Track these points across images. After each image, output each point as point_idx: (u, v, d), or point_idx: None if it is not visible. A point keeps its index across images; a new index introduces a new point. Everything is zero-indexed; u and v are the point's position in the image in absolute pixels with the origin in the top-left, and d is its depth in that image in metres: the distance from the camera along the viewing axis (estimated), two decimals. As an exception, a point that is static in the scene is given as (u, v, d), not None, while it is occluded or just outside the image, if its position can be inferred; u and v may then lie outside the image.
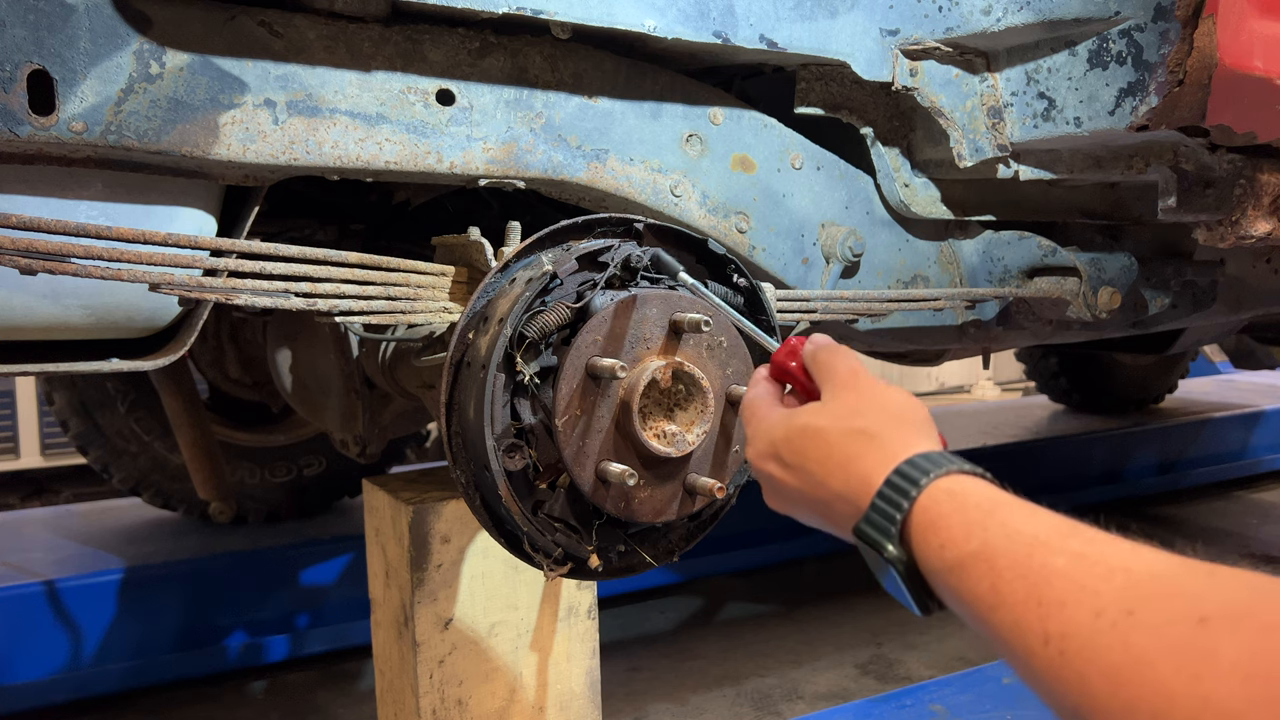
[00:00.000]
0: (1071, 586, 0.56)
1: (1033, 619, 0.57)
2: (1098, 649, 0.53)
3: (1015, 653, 0.58)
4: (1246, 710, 0.46)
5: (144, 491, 2.78)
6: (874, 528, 0.69)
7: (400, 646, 1.52)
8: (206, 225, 1.25)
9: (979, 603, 0.61)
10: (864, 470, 0.72)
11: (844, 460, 0.75)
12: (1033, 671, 0.57)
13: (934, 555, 0.65)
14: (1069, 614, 0.55)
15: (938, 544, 0.65)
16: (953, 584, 0.64)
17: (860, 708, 1.69)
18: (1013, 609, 0.58)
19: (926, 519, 0.66)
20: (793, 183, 1.53)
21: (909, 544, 0.67)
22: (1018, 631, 0.58)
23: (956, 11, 1.47)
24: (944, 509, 0.66)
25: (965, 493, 0.67)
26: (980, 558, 0.62)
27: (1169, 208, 1.58)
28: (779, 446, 0.82)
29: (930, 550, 0.66)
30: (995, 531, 0.62)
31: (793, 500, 0.82)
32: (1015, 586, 0.59)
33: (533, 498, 1.14)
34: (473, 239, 1.34)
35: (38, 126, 1.02)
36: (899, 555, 0.67)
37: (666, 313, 1.14)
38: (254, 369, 2.79)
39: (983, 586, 0.61)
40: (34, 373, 1.22)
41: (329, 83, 1.18)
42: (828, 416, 0.79)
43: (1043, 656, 0.56)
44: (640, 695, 2.48)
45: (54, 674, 2.29)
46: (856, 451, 0.74)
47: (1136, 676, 0.50)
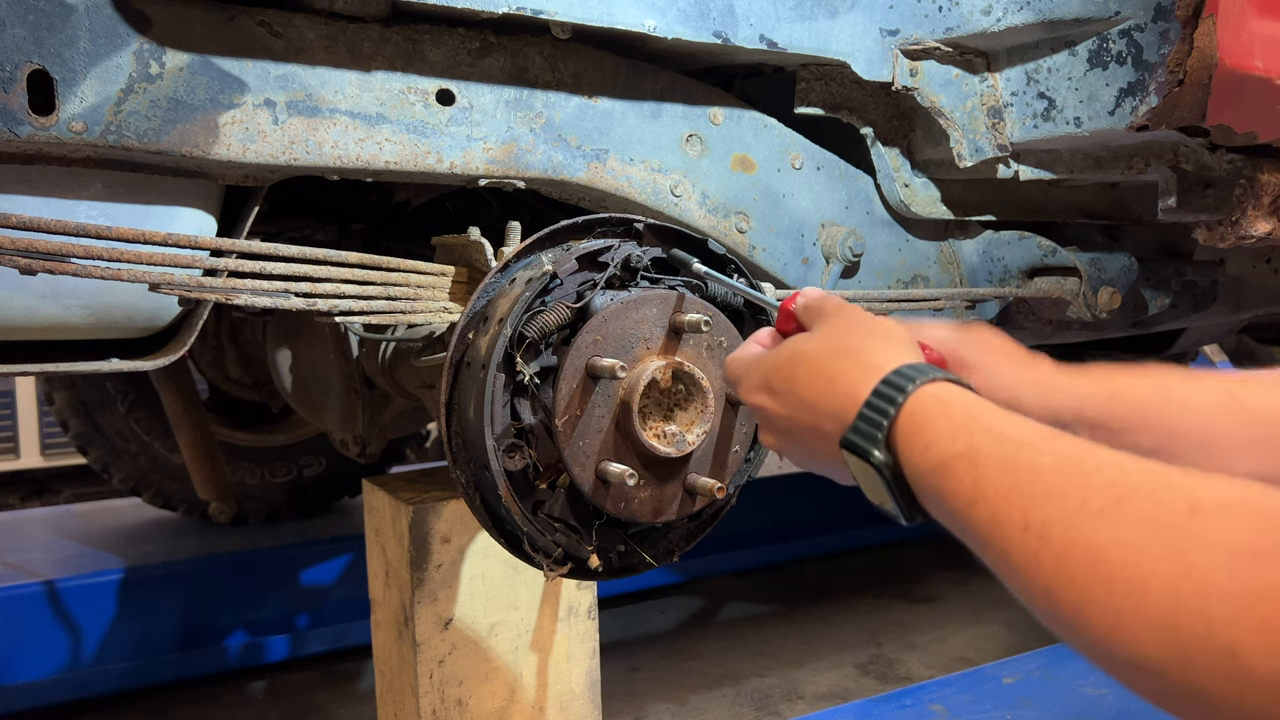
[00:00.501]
0: (1057, 479, 0.56)
1: (1014, 510, 0.57)
2: (1080, 532, 0.52)
3: (991, 544, 0.58)
4: (1226, 582, 0.45)
5: (144, 491, 2.78)
6: (861, 436, 0.70)
7: (400, 646, 1.52)
8: (206, 225, 1.25)
9: (959, 499, 0.61)
10: (850, 385, 0.73)
11: (831, 378, 0.76)
12: (1008, 561, 0.57)
13: (919, 457, 0.66)
14: (1053, 504, 0.55)
15: (922, 445, 0.65)
16: (935, 484, 0.64)
17: (860, 708, 1.69)
18: (993, 503, 0.58)
19: (913, 422, 0.67)
20: (793, 183, 1.53)
21: (895, 449, 0.68)
22: (995, 524, 0.58)
23: (956, 11, 1.47)
24: (930, 413, 0.67)
25: (951, 398, 0.67)
26: (964, 457, 0.62)
27: (1169, 208, 1.58)
28: (769, 375, 0.83)
29: (915, 452, 0.66)
30: (981, 434, 0.63)
31: (784, 430, 0.82)
32: (998, 482, 0.59)
33: (533, 498, 1.14)
34: (473, 239, 1.34)
35: (38, 126, 1.02)
36: (885, 460, 0.68)
37: (666, 313, 1.14)
38: (254, 369, 2.79)
39: (965, 484, 0.61)
40: (34, 373, 1.22)
41: (329, 83, 1.18)
42: (815, 342, 0.80)
43: (1021, 544, 0.55)
44: (640, 695, 2.48)
45: (54, 674, 2.29)
46: (843, 368, 0.75)
47: (1118, 555, 0.50)
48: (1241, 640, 0.44)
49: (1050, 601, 0.53)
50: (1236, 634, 0.44)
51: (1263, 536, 0.46)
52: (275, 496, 2.85)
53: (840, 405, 0.73)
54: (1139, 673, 0.49)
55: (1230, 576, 0.45)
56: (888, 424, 0.68)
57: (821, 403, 0.76)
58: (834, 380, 0.75)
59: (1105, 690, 1.75)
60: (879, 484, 0.69)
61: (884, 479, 0.68)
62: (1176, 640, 0.46)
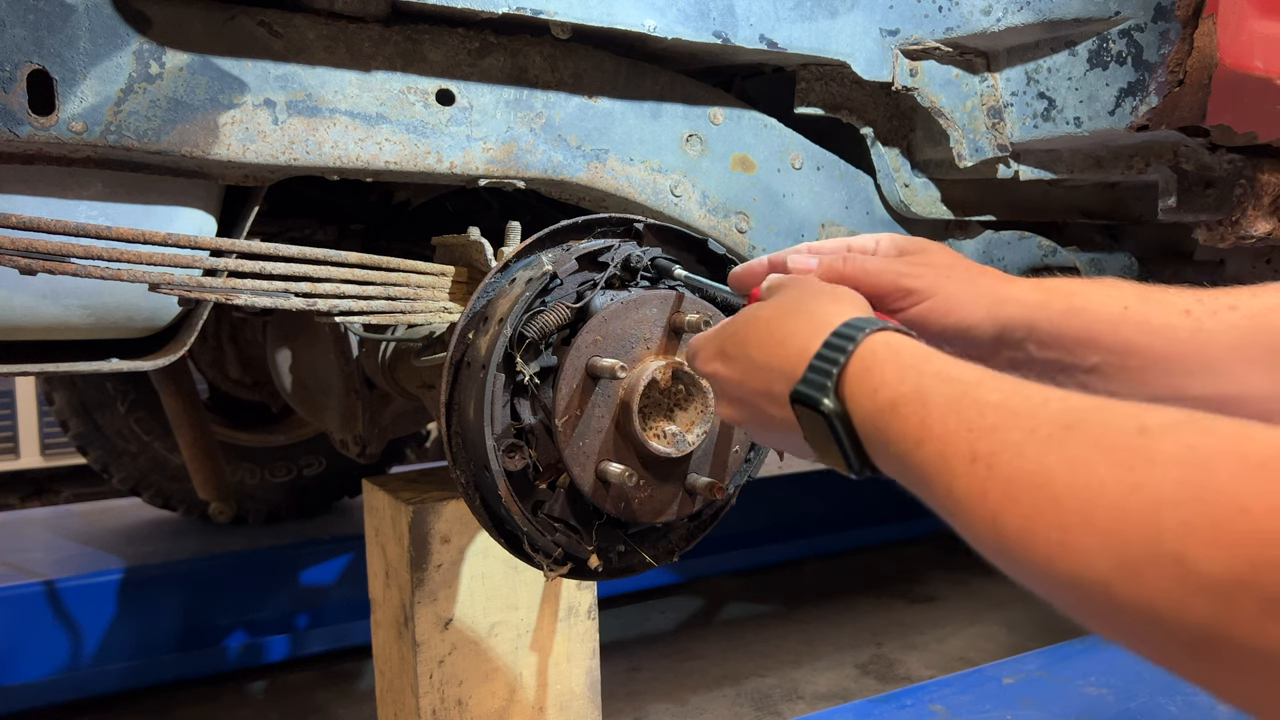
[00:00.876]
0: (1005, 413, 0.56)
1: (960, 445, 0.56)
2: (1028, 457, 0.52)
3: (937, 481, 0.58)
4: (1175, 491, 0.45)
5: (144, 491, 2.78)
6: (810, 386, 0.69)
7: (400, 646, 1.52)
8: (206, 225, 1.25)
9: (906, 439, 0.61)
10: (801, 341, 0.73)
11: (782, 338, 0.75)
12: (953, 495, 0.56)
13: (867, 400, 0.65)
14: (1000, 435, 0.55)
15: (871, 389, 0.65)
16: (883, 426, 0.64)
17: (860, 708, 1.69)
18: (940, 439, 0.58)
19: (861, 367, 0.67)
20: (793, 183, 1.53)
21: (844, 398, 0.68)
22: (942, 460, 0.57)
23: (956, 11, 1.47)
24: (879, 357, 0.67)
25: (900, 345, 0.68)
26: (912, 398, 0.62)
27: (1169, 208, 1.58)
28: (724, 342, 0.83)
29: (864, 396, 0.66)
30: (929, 376, 0.63)
31: (738, 398, 0.81)
32: (946, 419, 0.59)
33: (533, 498, 1.14)
34: (473, 239, 1.34)
35: (38, 126, 1.02)
36: (835, 408, 0.67)
37: (666, 313, 1.14)
38: (254, 369, 2.79)
39: (912, 424, 0.61)
40: (34, 373, 1.22)
41: (329, 83, 1.18)
42: (768, 308, 0.81)
43: (967, 475, 0.55)
44: (640, 695, 2.48)
45: (54, 674, 2.29)
46: (794, 328, 0.75)
47: (1067, 474, 0.50)
48: (1190, 546, 0.43)
49: (996, 529, 0.53)
50: (1185, 540, 0.44)
51: (1212, 447, 0.46)
52: (275, 496, 2.85)
53: (791, 363, 0.73)
54: (1084, 591, 0.48)
55: (1179, 485, 0.45)
56: (837, 372, 0.68)
57: (773, 362, 0.75)
58: (785, 340, 0.75)
59: (1105, 690, 1.75)
60: (828, 435, 0.69)
61: (833, 428, 0.68)
62: (1124, 550, 0.46)
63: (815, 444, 0.72)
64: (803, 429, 0.72)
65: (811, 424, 0.70)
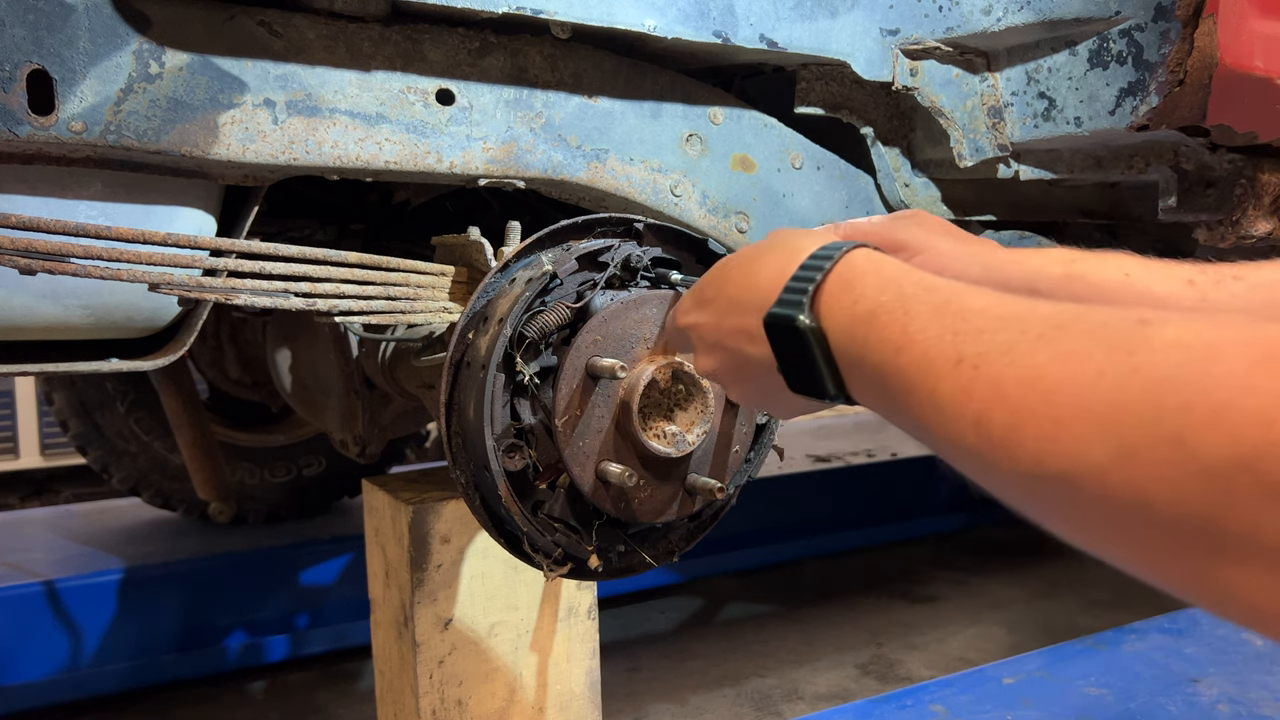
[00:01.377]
0: (991, 317, 0.53)
1: (945, 348, 0.54)
2: (1018, 355, 0.50)
3: (917, 387, 0.55)
4: (1178, 371, 0.43)
5: (144, 491, 2.78)
6: (784, 306, 0.66)
7: (400, 646, 1.51)
8: (206, 225, 1.25)
9: (886, 347, 0.58)
10: (775, 269, 0.70)
11: (757, 269, 0.73)
12: (934, 400, 0.54)
13: (845, 312, 0.63)
14: (988, 337, 0.52)
15: (850, 300, 0.63)
16: (860, 335, 0.61)
17: (860, 708, 1.69)
18: (922, 345, 0.55)
19: (840, 281, 0.64)
20: (793, 182, 1.53)
21: (819, 314, 0.65)
22: (924, 364, 0.55)
23: (957, 11, 1.47)
24: (859, 269, 0.64)
25: (881, 259, 0.65)
26: (893, 306, 0.59)
27: (1169, 208, 1.57)
28: (700, 290, 0.81)
29: (842, 308, 0.63)
30: (912, 285, 0.60)
31: (715, 343, 0.79)
32: (928, 325, 0.56)
33: (533, 498, 1.14)
34: (473, 239, 1.34)
35: (37, 126, 1.01)
36: (809, 323, 0.64)
37: (666, 312, 1.14)
38: (254, 369, 2.79)
39: (893, 330, 0.58)
40: (34, 373, 1.21)
41: (329, 82, 1.18)
42: (744, 251, 0.79)
43: (951, 377, 0.53)
44: (640, 695, 2.48)
45: (54, 674, 2.29)
46: (768, 260, 0.73)
47: (1060, 367, 0.47)
48: (1191, 427, 0.41)
49: (979, 430, 0.50)
50: (1186, 420, 0.41)
51: (1218, 335, 0.43)
52: (275, 496, 2.84)
53: (764, 292, 0.70)
54: (1073, 484, 0.46)
55: (1181, 366, 0.43)
56: (812, 289, 0.65)
57: (747, 296, 0.73)
58: (759, 272, 0.72)
59: (1105, 690, 1.75)
60: (803, 355, 0.65)
61: (807, 345, 0.65)
62: (1120, 434, 0.43)
63: (791, 372, 0.69)
64: (778, 360, 0.69)
65: (787, 348, 0.67)
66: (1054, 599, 3.13)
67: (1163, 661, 1.86)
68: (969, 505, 3.74)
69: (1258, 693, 1.72)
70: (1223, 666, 1.82)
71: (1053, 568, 3.39)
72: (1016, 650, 2.25)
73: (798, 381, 0.68)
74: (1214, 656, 1.87)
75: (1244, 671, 1.81)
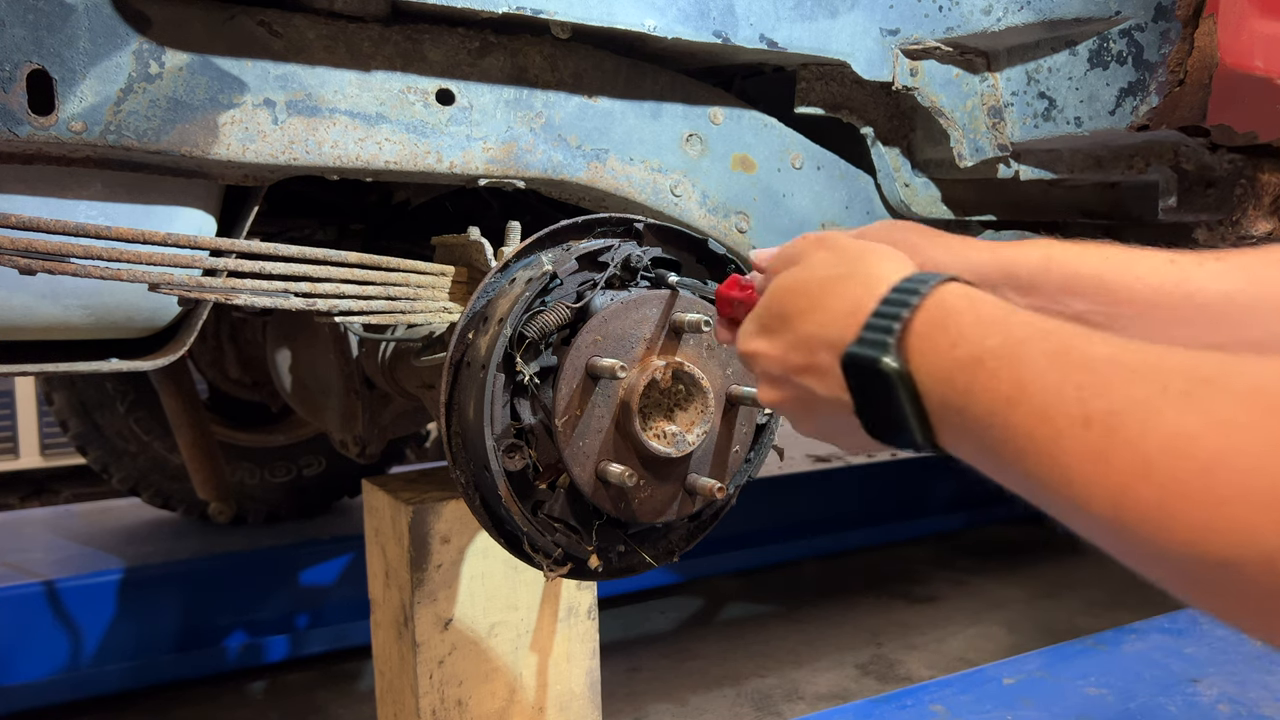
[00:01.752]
0: (1120, 369, 0.48)
1: (1069, 403, 0.48)
2: (1163, 419, 0.44)
3: (1035, 449, 0.50)
4: None
5: (144, 491, 2.78)
6: (867, 345, 0.60)
7: (400, 647, 1.51)
8: (206, 225, 1.25)
9: (995, 399, 0.52)
10: (851, 303, 0.64)
11: (828, 302, 0.67)
12: (1059, 464, 0.48)
13: (941, 356, 0.56)
14: (1120, 392, 0.47)
15: (947, 344, 0.56)
16: (964, 385, 0.55)
17: (860, 708, 1.69)
18: (1041, 397, 0.50)
19: (932, 320, 0.58)
20: (793, 182, 1.52)
21: (906, 356, 0.58)
22: (1044, 420, 0.49)
23: (957, 11, 1.47)
24: (954, 310, 0.58)
25: (979, 296, 0.58)
26: (1002, 354, 0.53)
27: (1169, 208, 1.57)
28: (761, 318, 0.74)
29: (937, 352, 0.57)
30: (1020, 326, 0.54)
31: (780, 377, 0.72)
32: (1045, 375, 0.50)
33: (533, 498, 1.14)
34: (473, 239, 1.34)
35: (37, 126, 1.01)
36: (897, 367, 0.58)
37: (666, 313, 1.14)
38: (254, 369, 2.79)
39: (1003, 381, 0.52)
40: (34, 373, 1.21)
41: (329, 82, 1.18)
42: (805, 270, 0.72)
43: (1080, 440, 0.47)
44: (640, 695, 2.48)
45: (54, 674, 2.29)
46: (842, 290, 0.66)
47: (1217, 438, 0.42)
48: None
49: (1119, 506, 0.45)
50: None
51: None
52: (275, 496, 2.84)
53: (839, 328, 0.64)
54: (1240, 570, 0.41)
55: None
56: (899, 328, 0.59)
57: (818, 331, 0.67)
58: (831, 303, 0.66)
59: (1105, 690, 1.75)
60: (888, 402, 0.59)
61: (893, 392, 0.58)
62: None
63: (871, 417, 0.62)
64: (855, 401, 0.63)
65: (868, 392, 0.61)
66: (1054, 599, 3.13)
67: (1163, 661, 1.86)
68: (969, 505, 3.74)
69: (1258, 693, 1.72)
70: (1223, 666, 1.82)
71: (1053, 568, 3.39)
72: (1016, 650, 2.25)
73: (878, 428, 0.63)
74: (1214, 656, 1.87)
75: (1244, 671, 1.81)
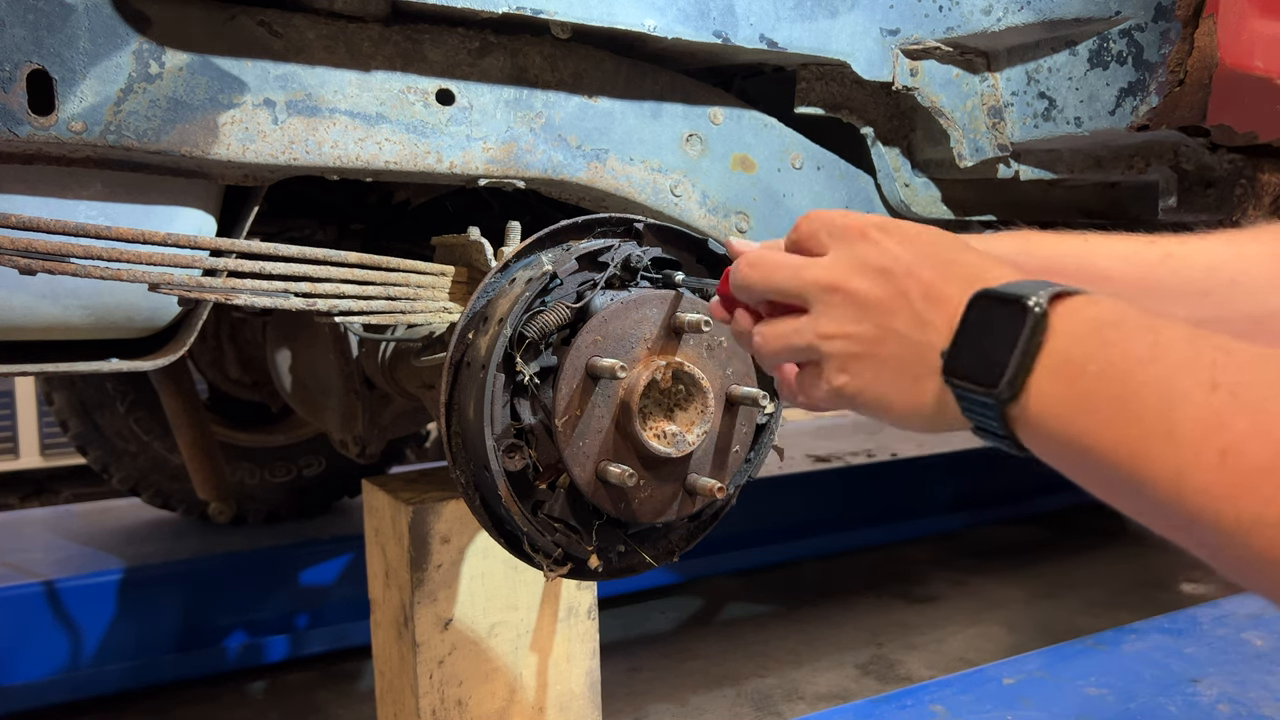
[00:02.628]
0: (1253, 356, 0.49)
1: (1200, 369, 0.49)
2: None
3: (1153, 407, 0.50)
4: None
5: (144, 491, 2.78)
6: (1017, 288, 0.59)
7: (400, 647, 1.51)
8: (206, 225, 1.25)
9: (1128, 357, 0.52)
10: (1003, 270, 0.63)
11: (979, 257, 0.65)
12: (1170, 423, 0.48)
13: (1086, 316, 0.56)
14: (1252, 371, 0.47)
15: (1095, 311, 0.56)
16: (1100, 339, 0.54)
17: (860, 708, 1.69)
18: (1172, 363, 0.50)
19: (1084, 297, 0.58)
20: (793, 182, 1.52)
21: (1050, 310, 0.57)
22: (1169, 382, 0.49)
23: (957, 11, 1.47)
24: (1105, 296, 0.58)
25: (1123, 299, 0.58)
26: (1145, 326, 0.53)
27: (1169, 208, 1.57)
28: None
29: (1083, 314, 0.56)
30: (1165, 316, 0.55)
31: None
32: (1181, 347, 0.51)
33: (533, 498, 1.14)
34: (473, 239, 1.34)
35: (37, 126, 1.01)
36: (1041, 309, 0.56)
37: (666, 312, 1.14)
38: (254, 369, 2.79)
39: (1142, 341, 0.52)
40: (34, 373, 1.21)
41: (329, 82, 1.18)
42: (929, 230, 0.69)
43: (1201, 403, 0.47)
44: (640, 695, 2.48)
45: (54, 674, 2.29)
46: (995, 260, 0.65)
47: None
48: None
49: (1225, 462, 0.45)
50: None
51: None
52: (275, 496, 2.84)
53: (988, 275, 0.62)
54: None
55: None
56: (1053, 291, 0.58)
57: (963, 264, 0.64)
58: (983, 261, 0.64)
59: (1105, 690, 1.75)
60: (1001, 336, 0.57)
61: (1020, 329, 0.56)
62: None
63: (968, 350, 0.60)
64: (960, 329, 0.61)
65: (986, 324, 0.59)
66: (1054, 599, 3.13)
67: (1163, 661, 1.86)
68: (969, 505, 3.75)
69: (1258, 693, 1.72)
70: (1223, 666, 1.82)
71: (1053, 568, 3.39)
72: (1016, 650, 2.25)
73: (965, 363, 0.60)
74: (1214, 656, 1.87)
75: (1244, 671, 1.81)
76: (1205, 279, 0.78)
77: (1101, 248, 0.81)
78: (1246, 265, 0.78)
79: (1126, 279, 0.79)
